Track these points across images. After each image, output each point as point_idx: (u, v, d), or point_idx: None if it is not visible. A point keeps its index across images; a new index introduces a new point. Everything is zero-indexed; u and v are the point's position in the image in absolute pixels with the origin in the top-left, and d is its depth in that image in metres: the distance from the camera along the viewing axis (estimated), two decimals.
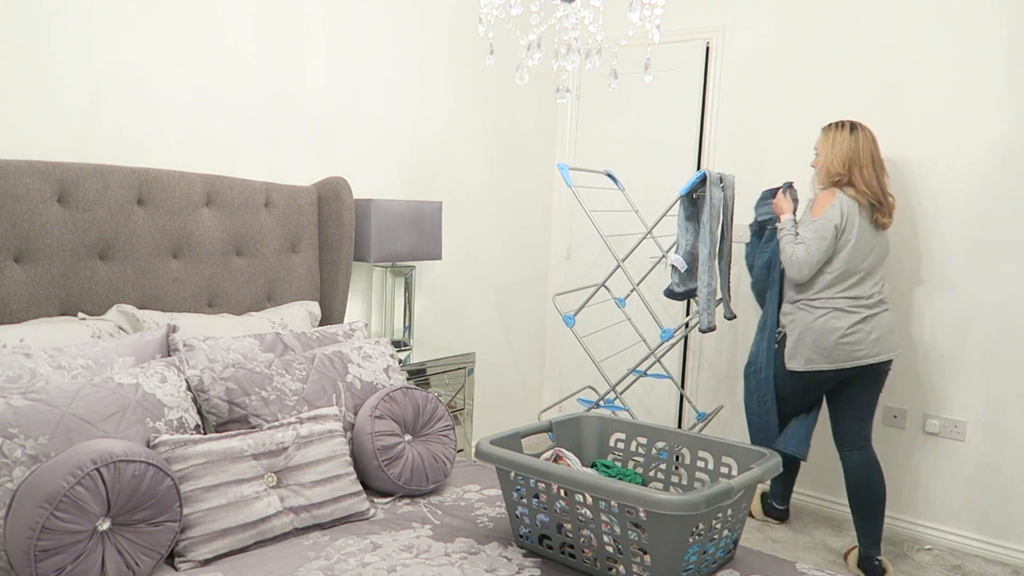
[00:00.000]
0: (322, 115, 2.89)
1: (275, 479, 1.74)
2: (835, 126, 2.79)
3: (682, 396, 3.76)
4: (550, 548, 1.66)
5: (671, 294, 3.07)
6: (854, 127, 2.75)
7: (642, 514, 1.47)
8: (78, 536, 1.40)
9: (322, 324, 2.78)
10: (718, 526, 1.57)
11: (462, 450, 3.01)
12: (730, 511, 1.59)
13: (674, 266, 2.99)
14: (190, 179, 2.34)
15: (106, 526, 1.44)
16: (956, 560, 2.96)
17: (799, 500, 3.42)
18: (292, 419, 1.86)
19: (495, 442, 1.76)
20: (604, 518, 1.54)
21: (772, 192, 2.99)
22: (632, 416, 3.14)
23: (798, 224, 2.78)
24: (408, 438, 2.05)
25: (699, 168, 3.70)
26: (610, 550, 1.56)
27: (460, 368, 3.01)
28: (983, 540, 3.00)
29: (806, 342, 2.73)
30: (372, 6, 3.02)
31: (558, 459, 1.86)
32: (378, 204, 2.82)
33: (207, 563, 1.59)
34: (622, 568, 1.55)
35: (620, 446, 2.00)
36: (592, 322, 3.91)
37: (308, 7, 2.78)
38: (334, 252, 2.76)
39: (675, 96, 3.73)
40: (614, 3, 2.78)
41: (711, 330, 2.91)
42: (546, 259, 4.20)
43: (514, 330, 4.01)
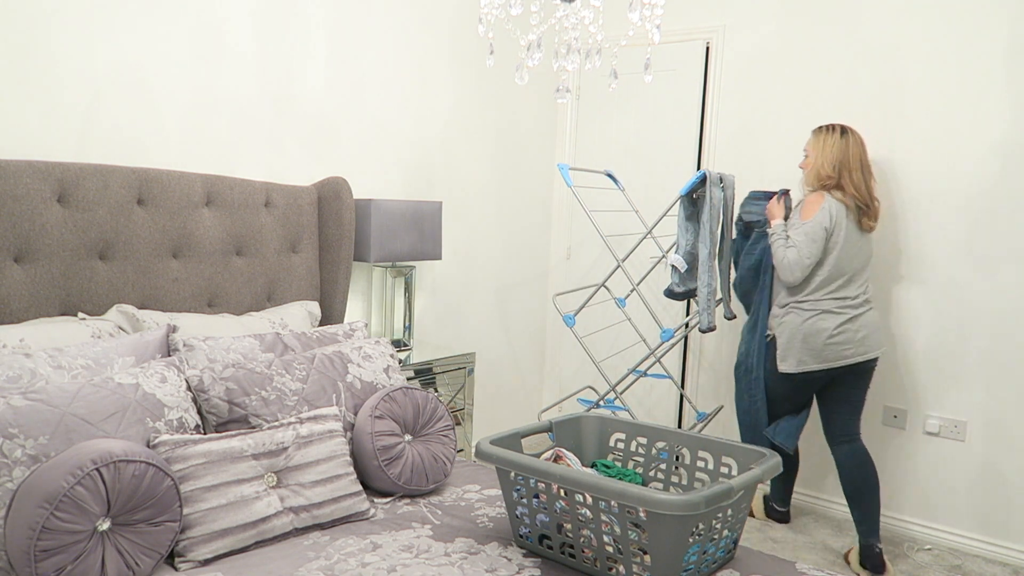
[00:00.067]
0: (322, 115, 2.89)
1: (275, 479, 1.74)
2: (826, 129, 2.80)
3: (682, 396, 3.76)
4: (550, 548, 1.66)
5: (671, 294, 3.07)
6: (844, 131, 2.77)
7: (642, 514, 1.47)
8: (78, 536, 1.40)
9: (322, 324, 2.78)
10: (718, 526, 1.57)
11: (462, 450, 3.01)
12: (730, 511, 1.59)
13: (674, 266, 2.99)
14: (190, 179, 2.34)
15: (106, 526, 1.44)
16: (956, 560, 2.96)
17: (799, 500, 3.42)
18: (292, 419, 1.86)
19: (495, 442, 1.76)
20: (604, 518, 1.54)
21: (761, 193, 2.99)
22: (632, 416, 3.14)
23: (788, 228, 2.79)
24: (408, 438, 2.05)
25: (699, 168, 3.70)
26: (610, 550, 1.56)
27: (460, 368, 3.01)
28: (983, 540, 3.00)
29: (796, 344, 2.76)
30: (372, 6, 3.02)
31: (558, 459, 1.86)
32: (378, 204, 2.82)
33: (207, 563, 1.59)
34: (622, 568, 1.55)
35: (620, 446, 2.00)
36: (592, 322, 3.91)
37: (308, 7, 2.79)
38: (334, 252, 2.76)
39: (675, 96, 3.73)
40: (614, 3, 2.78)
41: (711, 330, 2.92)
42: (546, 259, 4.20)
43: (514, 330, 4.01)
